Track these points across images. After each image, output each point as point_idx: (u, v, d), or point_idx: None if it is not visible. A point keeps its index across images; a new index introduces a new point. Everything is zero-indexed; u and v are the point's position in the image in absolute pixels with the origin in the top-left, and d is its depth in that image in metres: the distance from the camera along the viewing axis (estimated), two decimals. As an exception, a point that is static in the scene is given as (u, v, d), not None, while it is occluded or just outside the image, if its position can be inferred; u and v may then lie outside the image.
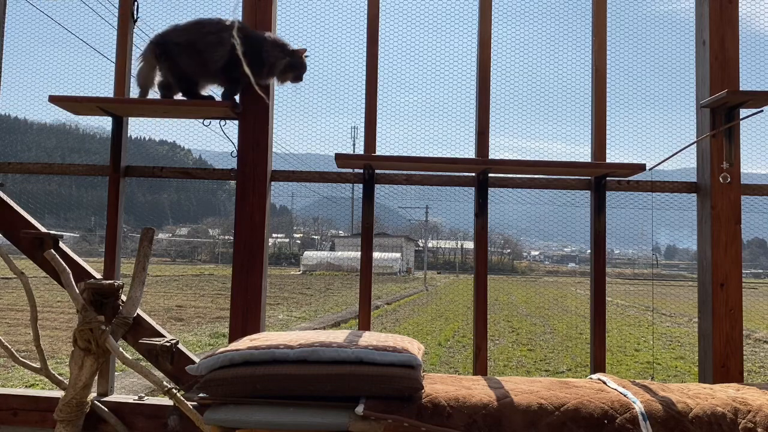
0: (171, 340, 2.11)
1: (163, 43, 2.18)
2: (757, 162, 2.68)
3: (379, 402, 1.50)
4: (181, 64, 2.18)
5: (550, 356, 8.23)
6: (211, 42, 2.13)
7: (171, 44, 2.17)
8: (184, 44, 2.16)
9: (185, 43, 2.16)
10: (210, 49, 2.13)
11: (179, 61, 2.17)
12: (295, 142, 3.14)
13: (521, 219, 32.89)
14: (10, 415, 2.24)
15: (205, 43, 2.14)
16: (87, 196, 12.87)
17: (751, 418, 1.52)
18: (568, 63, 2.65)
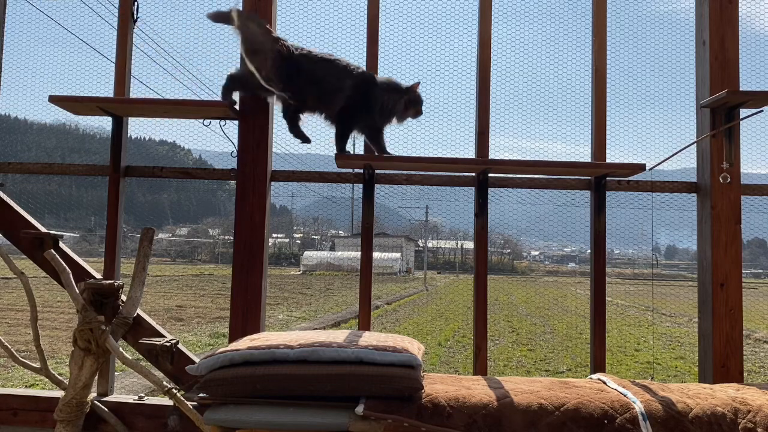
0: (171, 340, 2.11)
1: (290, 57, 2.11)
2: (757, 162, 2.68)
3: (379, 402, 1.50)
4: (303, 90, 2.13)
5: (550, 356, 8.23)
6: (335, 87, 2.11)
7: (295, 65, 2.11)
8: (311, 75, 2.11)
9: (312, 75, 2.12)
10: (332, 95, 2.11)
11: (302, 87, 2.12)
12: (295, 142, 3.14)
13: (521, 219, 32.89)
14: (10, 415, 2.24)
15: (329, 86, 2.11)
16: (87, 196, 12.88)
17: (751, 418, 1.52)
18: (568, 63, 2.65)
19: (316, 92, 2.13)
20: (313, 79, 2.12)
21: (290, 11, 2.49)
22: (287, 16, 2.48)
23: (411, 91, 2.17)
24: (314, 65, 2.12)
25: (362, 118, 2.16)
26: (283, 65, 2.10)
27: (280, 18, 2.44)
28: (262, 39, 2.13)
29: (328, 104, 2.15)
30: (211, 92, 2.33)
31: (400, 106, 2.16)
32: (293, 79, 2.11)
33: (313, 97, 2.15)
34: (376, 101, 2.13)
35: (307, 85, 2.12)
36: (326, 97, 2.13)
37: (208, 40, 2.71)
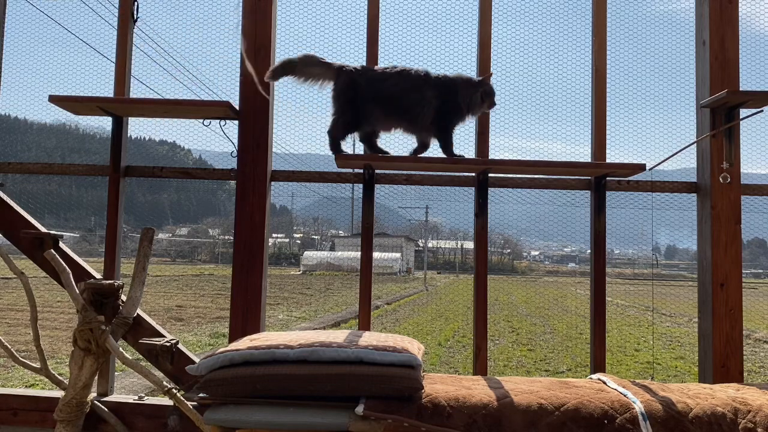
0: (171, 340, 2.11)
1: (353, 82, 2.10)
2: (757, 162, 2.68)
3: (379, 402, 1.50)
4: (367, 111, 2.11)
5: (550, 356, 8.23)
6: (416, 99, 2.09)
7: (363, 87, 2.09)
8: (381, 94, 2.09)
9: (383, 93, 2.09)
10: (416, 108, 2.10)
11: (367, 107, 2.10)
12: (295, 142, 3.13)
13: (521, 219, 32.90)
14: (10, 415, 2.24)
15: (409, 99, 2.09)
16: (87, 196, 12.88)
17: (751, 418, 1.52)
18: (568, 63, 2.65)
19: (396, 110, 2.12)
20: (390, 96, 2.09)
21: (290, 11, 2.49)
22: (287, 16, 2.48)
23: (485, 83, 2.16)
24: (386, 82, 2.10)
25: (455, 119, 2.15)
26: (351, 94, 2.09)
27: (280, 18, 2.44)
28: (324, 70, 2.13)
29: (411, 118, 2.13)
30: (211, 92, 2.33)
31: (477, 100, 2.15)
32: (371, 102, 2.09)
33: (395, 116, 2.14)
34: (460, 100, 2.12)
35: (384, 103, 2.10)
36: (409, 111, 2.11)
37: (208, 40, 2.72)
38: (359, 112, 2.10)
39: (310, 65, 2.13)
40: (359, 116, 2.11)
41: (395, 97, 2.09)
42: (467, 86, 2.14)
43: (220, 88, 3.11)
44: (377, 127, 2.17)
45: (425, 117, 2.11)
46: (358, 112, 2.10)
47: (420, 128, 2.16)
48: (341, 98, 2.11)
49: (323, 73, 2.13)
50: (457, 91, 2.12)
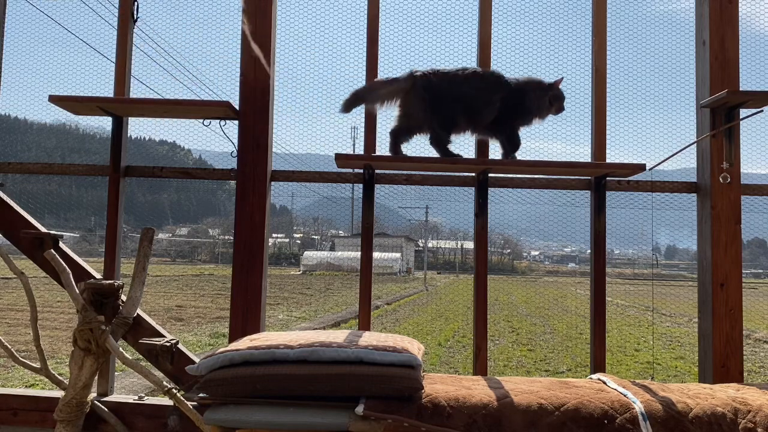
0: (171, 340, 2.11)
1: (430, 86, 2.10)
2: (757, 162, 2.68)
3: (379, 402, 1.50)
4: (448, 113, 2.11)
5: (550, 356, 8.23)
6: (487, 100, 2.11)
7: (442, 90, 2.09)
8: (457, 95, 2.10)
9: (459, 95, 2.10)
10: (485, 109, 2.11)
11: (446, 109, 2.11)
12: (295, 142, 3.13)
13: (521, 219, 32.94)
14: (10, 415, 2.24)
15: (481, 100, 2.11)
16: (87, 196, 12.88)
17: (751, 418, 1.52)
18: (568, 63, 2.64)
19: (467, 112, 2.12)
20: (462, 97, 2.10)
21: (290, 11, 2.49)
22: (287, 16, 2.48)
23: (554, 88, 2.16)
24: (457, 83, 2.11)
25: (520, 121, 2.16)
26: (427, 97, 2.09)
27: (280, 18, 2.44)
28: (394, 87, 2.14)
29: (479, 118, 2.14)
30: (211, 92, 2.34)
31: (545, 104, 2.15)
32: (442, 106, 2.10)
33: (465, 118, 2.14)
34: (528, 102, 2.13)
35: (458, 105, 2.11)
36: (478, 112, 2.13)
37: (208, 40, 2.72)
38: (440, 115, 2.11)
39: (377, 89, 2.16)
40: (441, 118, 2.12)
41: (466, 98, 2.10)
42: (536, 89, 2.14)
43: (220, 88, 3.11)
44: (454, 129, 2.17)
45: (488, 117, 2.13)
46: (440, 114, 2.11)
47: (486, 129, 2.17)
48: (411, 100, 2.12)
49: (394, 90, 2.15)
50: (525, 93, 2.14)
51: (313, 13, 2.53)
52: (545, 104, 2.16)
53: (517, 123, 2.17)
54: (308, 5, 2.53)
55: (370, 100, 2.17)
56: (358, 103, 2.15)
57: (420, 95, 2.09)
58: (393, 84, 2.14)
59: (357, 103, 2.15)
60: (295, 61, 2.60)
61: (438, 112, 2.10)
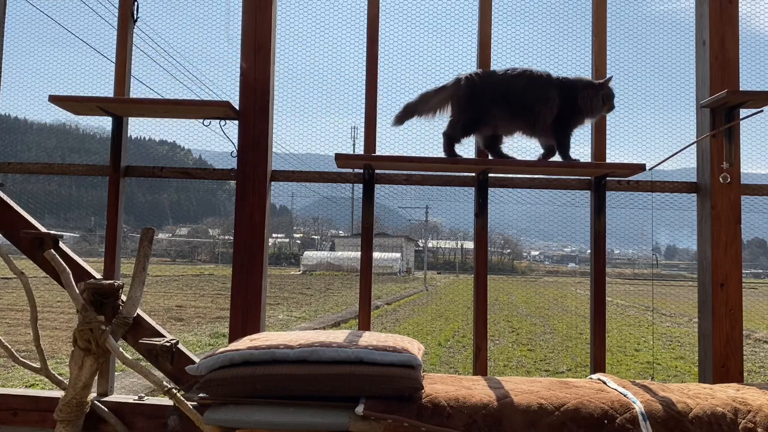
0: (171, 340, 2.11)
1: (474, 88, 2.11)
2: (757, 162, 2.68)
3: (379, 402, 1.50)
4: (492, 114, 2.12)
5: (550, 356, 8.23)
6: (539, 98, 2.10)
7: (486, 91, 2.10)
8: (504, 95, 2.10)
9: (506, 95, 2.10)
10: (539, 106, 2.10)
11: (491, 110, 2.12)
12: (295, 142, 3.13)
13: (521, 219, 32.94)
14: (10, 415, 2.24)
15: (533, 98, 2.10)
16: (87, 196, 12.88)
17: (751, 418, 1.52)
18: (568, 63, 2.65)
19: (516, 110, 2.12)
20: (512, 96, 2.10)
21: (290, 11, 2.49)
22: (287, 16, 2.48)
23: (605, 86, 2.14)
24: (507, 83, 2.10)
25: (574, 121, 2.15)
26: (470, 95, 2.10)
27: (280, 18, 2.44)
28: (443, 95, 2.16)
29: (532, 118, 2.13)
30: (211, 92, 2.34)
31: (598, 103, 2.13)
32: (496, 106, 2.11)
33: (516, 116, 2.14)
34: (580, 102, 2.12)
35: (502, 104, 2.11)
36: (530, 111, 2.11)
37: (208, 40, 2.72)
38: (480, 114, 2.11)
39: (427, 100, 2.18)
40: (480, 117, 2.11)
41: (517, 97, 2.09)
42: (588, 88, 2.13)
43: (220, 88, 3.11)
44: (498, 129, 2.17)
45: (546, 117, 2.11)
46: (479, 113, 2.11)
47: (540, 130, 2.15)
48: (461, 100, 2.12)
49: (443, 98, 2.17)
50: (577, 93, 2.12)
51: (313, 13, 2.53)
52: (598, 103, 2.13)
53: (569, 122, 2.14)
54: (308, 5, 2.53)
55: (422, 111, 2.19)
56: (410, 115, 2.19)
57: (466, 97, 2.11)
58: (441, 92, 2.17)
59: (409, 116, 2.19)
60: (295, 61, 2.60)
61: (483, 110, 2.10)
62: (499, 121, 2.14)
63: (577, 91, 2.12)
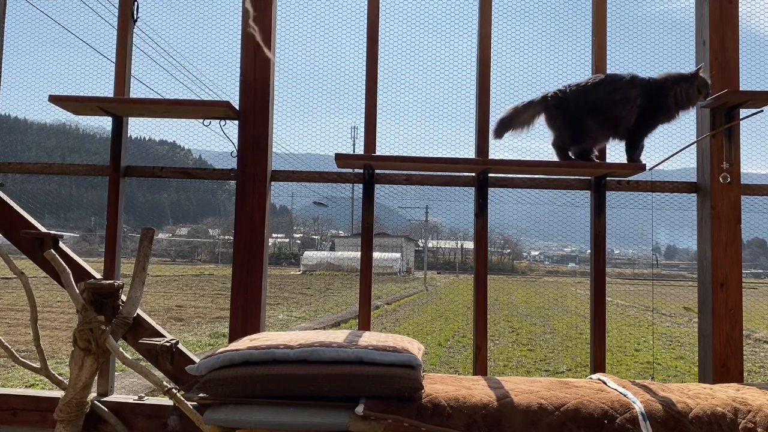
0: (171, 340, 2.11)
1: (560, 104, 2.16)
2: (757, 162, 2.68)
3: (379, 402, 1.50)
4: (581, 125, 2.15)
5: (550, 356, 8.23)
6: (618, 100, 2.11)
7: (571, 105, 2.15)
8: (589, 104, 2.13)
9: (590, 104, 2.13)
10: (618, 108, 2.12)
11: (580, 122, 2.15)
12: (295, 142, 3.13)
13: (521, 219, 32.92)
14: (10, 415, 2.24)
15: (612, 101, 2.12)
16: (87, 196, 12.89)
17: (751, 418, 1.52)
18: (568, 62, 2.65)
19: (602, 115, 2.14)
20: (596, 104, 2.12)
21: (290, 11, 2.49)
22: (287, 16, 2.48)
23: (698, 76, 2.14)
24: (590, 92, 2.13)
25: (660, 118, 2.15)
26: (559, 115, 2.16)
27: (280, 18, 2.44)
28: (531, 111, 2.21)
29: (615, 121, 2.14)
30: (211, 92, 2.34)
31: (694, 92, 2.13)
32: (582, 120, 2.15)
33: (603, 123, 2.15)
34: (669, 98, 2.12)
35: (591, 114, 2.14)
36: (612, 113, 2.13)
37: (208, 40, 2.72)
38: (574, 129, 2.16)
39: (520, 114, 2.22)
40: (575, 132, 2.16)
41: (600, 103, 2.12)
42: (681, 82, 2.13)
43: (220, 88, 3.11)
44: (593, 140, 2.20)
45: (628, 118, 2.13)
46: (573, 128, 2.16)
47: (623, 131, 2.16)
48: (556, 121, 2.18)
49: (533, 113, 2.22)
50: (666, 89, 2.12)
51: (313, 13, 2.53)
52: (694, 93, 2.12)
53: (654, 119, 2.14)
54: (308, 5, 2.53)
55: (516, 125, 2.24)
56: (506, 129, 2.25)
57: (553, 114, 2.17)
58: (529, 108, 2.22)
59: (506, 130, 2.25)
60: (295, 61, 2.60)
61: (575, 124, 2.15)
62: (590, 130, 2.17)
63: (665, 88, 2.12)
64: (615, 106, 2.11)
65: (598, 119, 2.14)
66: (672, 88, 2.11)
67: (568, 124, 2.16)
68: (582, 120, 2.14)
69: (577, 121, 2.14)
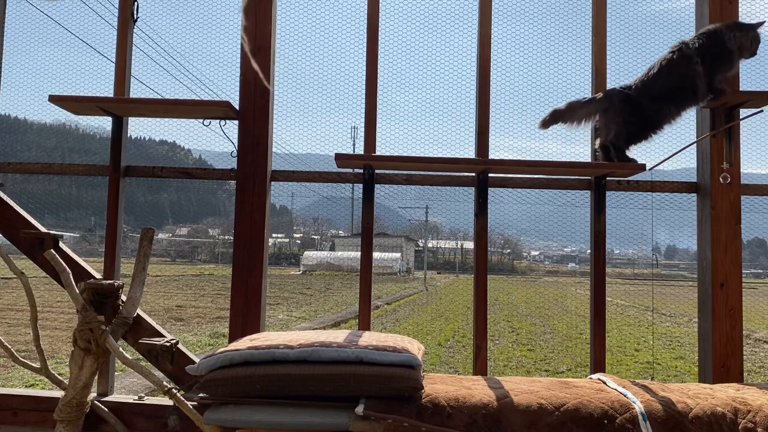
0: (171, 340, 2.11)
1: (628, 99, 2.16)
2: (757, 162, 2.68)
3: (379, 402, 1.50)
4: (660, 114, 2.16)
5: (550, 356, 8.23)
6: (686, 74, 2.11)
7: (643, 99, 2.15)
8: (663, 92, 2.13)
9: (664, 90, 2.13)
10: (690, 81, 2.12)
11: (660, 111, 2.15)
12: (295, 142, 3.14)
13: (521, 219, 32.90)
14: (10, 415, 2.24)
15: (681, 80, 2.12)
16: (87, 196, 12.89)
17: (751, 418, 1.52)
18: (568, 62, 2.65)
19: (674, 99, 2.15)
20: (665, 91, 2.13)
21: (290, 11, 2.49)
22: (287, 16, 2.48)
23: (755, 28, 2.12)
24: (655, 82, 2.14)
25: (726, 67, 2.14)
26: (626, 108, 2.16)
27: (280, 18, 2.44)
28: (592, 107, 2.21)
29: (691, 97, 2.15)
30: (211, 92, 2.34)
31: (747, 43, 2.11)
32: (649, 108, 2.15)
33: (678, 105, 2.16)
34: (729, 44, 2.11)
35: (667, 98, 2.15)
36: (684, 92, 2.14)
37: (208, 40, 2.72)
38: (644, 122, 2.16)
39: (576, 109, 2.22)
40: (644, 125, 2.16)
41: (672, 86, 2.12)
42: (735, 29, 2.12)
43: (220, 88, 3.12)
44: (665, 125, 2.19)
45: (701, 84, 2.12)
46: (643, 122, 2.16)
47: (702, 95, 2.15)
48: (621, 115, 2.16)
49: (590, 110, 2.22)
50: (723, 37, 2.11)
51: (313, 13, 2.53)
52: (747, 43, 2.11)
53: (721, 68, 2.13)
54: (308, 5, 2.53)
55: (569, 119, 2.24)
56: (556, 121, 2.24)
57: (619, 109, 2.16)
58: (589, 105, 2.21)
59: (555, 122, 2.24)
60: (295, 61, 2.60)
61: (646, 117, 2.15)
62: (666, 116, 2.16)
63: (721, 36, 2.11)
64: (686, 83, 2.11)
65: (676, 101, 2.14)
66: (728, 34, 2.11)
67: (640, 118, 2.14)
68: (661, 109, 2.14)
69: (656, 112, 2.14)
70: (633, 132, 2.17)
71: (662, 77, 2.13)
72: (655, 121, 2.16)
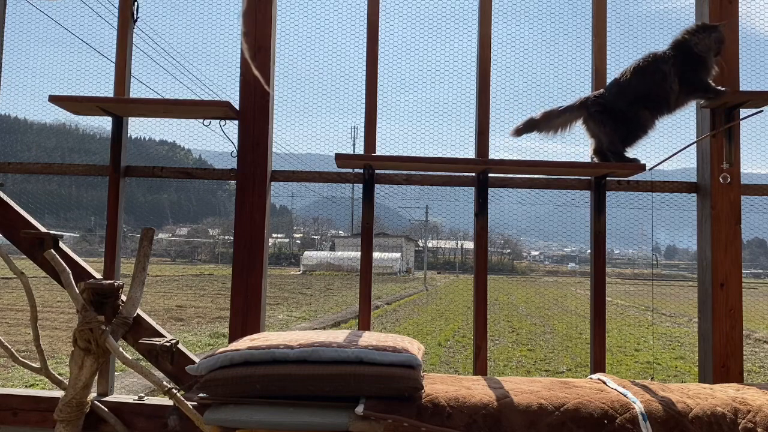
0: (171, 340, 2.11)
1: (605, 108, 2.16)
2: (757, 162, 2.68)
3: (379, 402, 1.50)
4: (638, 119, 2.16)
5: (550, 356, 8.23)
6: (660, 80, 2.12)
7: (617, 106, 2.15)
8: (637, 96, 2.14)
9: (638, 95, 2.14)
10: (663, 86, 2.13)
11: (637, 116, 2.15)
12: (295, 142, 3.14)
13: (521, 219, 32.89)
14: (10, 415, 2.24)
15: (654, 83, 2.13)
16: (87, 196, 12.89)
17: (751, 418, 1.52)
18: (568, 62, 2.65)
19: (649, 102, 2.15)
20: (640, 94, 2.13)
21: (290, 11, 2.49)
22: (287, 16, 2.48)
23: (718, 29, 2.12)
24: (628, 87, 2.14)
25: (702, 73, 2.14)
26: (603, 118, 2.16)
27: (280, 18, 2.44)
28: (567, 116, 2.22)
29: (665, 100, 2.15)
30: (211, 92, 2.34)
31: (711, 43, 2.12)
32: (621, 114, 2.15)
33: (654, 109, 2.17)
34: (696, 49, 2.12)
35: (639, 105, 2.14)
36: (657, 95, 2.14)
37: (208, 40, 2.72)
38: (626, 127, 2.15)
39: (553, 118, 2.22)
40: (628, 130, 2.16)
41: (645, 90, 2.13)
42: (698, 33, 2.13)
43: (220, 88, 3.13)
44: (650, 128, 2.19)
45: (674, 90, 2.13)
46: (625, 126, 2.15)
47: (674, 103, 2.16)
48: (605, 125, 2.17)
49: (568, 118, 2.22)
50: (688, 44, 2.13)
51: (313, 13, 2.54)
52: (710, 43, 2.12)
53: (700, 73, 2.14)
54: (308, 5, 2.53)
55: (545, 128, 2.24)
56: (531, 130, 2.23)
57: (598, 120, 2.17)
58: (566, 113, 2.21)
59: (530, 130, 2.24)
60: (295, 61, 2.60)
61: (625, 122, 2.14)
62: (645, 121, 2.16)
63: (688, 44, 2.13)
64: (657, 86, 2.12)
65: (650, 105, 2.14)
66: (693, 38, 2.12)
67: (621, 124, 2.14)
68: (636, 114, 2.13)
69: (633, 116, 2.13)
70: (624, 135, 2.17)
71: (633, 81, 2.14)
72: (638, 124, 2.16)
